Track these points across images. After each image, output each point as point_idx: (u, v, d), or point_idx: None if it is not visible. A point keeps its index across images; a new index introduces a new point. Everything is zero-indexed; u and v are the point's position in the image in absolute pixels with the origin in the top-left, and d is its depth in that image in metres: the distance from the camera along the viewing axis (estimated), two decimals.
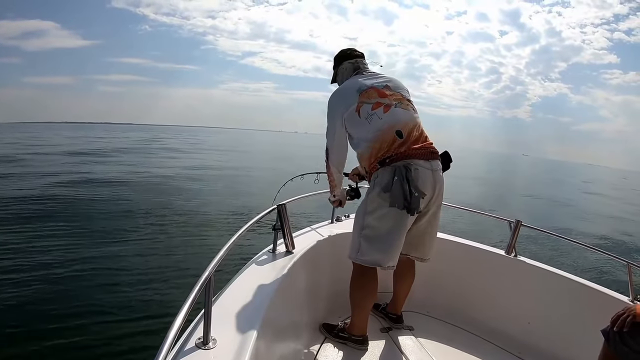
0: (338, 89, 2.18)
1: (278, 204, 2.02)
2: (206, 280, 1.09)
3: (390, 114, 1.95)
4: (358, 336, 2.13)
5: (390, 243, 1.94)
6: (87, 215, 7.91)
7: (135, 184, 12.96)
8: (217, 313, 1.28)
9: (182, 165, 20.70)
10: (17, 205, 8.36)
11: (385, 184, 1.89)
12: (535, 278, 2.51)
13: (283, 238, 2.07)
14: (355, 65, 2.22)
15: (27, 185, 10.92)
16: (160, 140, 51.95)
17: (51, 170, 14.84)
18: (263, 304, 1.45)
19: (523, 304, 2.49)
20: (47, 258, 5.32)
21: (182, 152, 30.41)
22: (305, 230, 2.57)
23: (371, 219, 1.96)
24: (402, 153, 1.90)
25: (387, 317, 2.46)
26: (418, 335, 2.36)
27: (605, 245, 10.14)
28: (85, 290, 4.33)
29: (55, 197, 9.43)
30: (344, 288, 2.16)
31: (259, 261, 1.92)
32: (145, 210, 8.80)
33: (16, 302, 3.98)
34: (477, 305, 2.62)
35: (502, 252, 2.67)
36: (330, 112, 2.11)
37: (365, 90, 2.01)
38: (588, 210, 19.27)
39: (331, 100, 2.13)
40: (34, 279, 4.55)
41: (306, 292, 2.17)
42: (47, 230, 6.66)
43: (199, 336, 1.14)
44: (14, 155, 19.61)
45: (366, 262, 1.99)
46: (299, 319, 2.06)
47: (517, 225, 2.63)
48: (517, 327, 2.44)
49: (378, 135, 1.93)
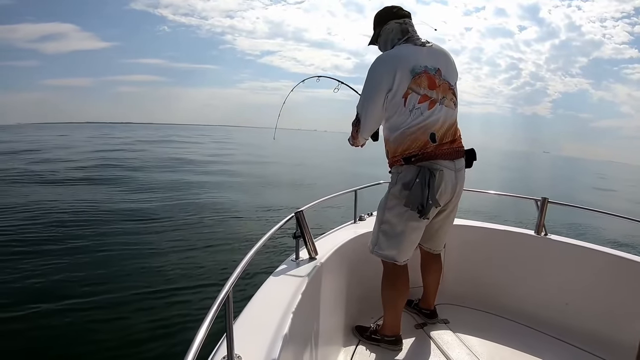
0: (387, 55, 1.90)
1: (296, 211, 1.99)
2: (224, 299, 1.07)
3: (433, 112, 1.83)
4: (391, 336, 2.10)
5: (405, 240, 1.94)
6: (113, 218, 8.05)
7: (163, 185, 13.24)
8: (241, 328, 1.27)
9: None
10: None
11: (407, 182, 1.85)
12: (569, 256, 2.41)
13: (305, 245, 2.03)
14: (404, 28, 1.95)
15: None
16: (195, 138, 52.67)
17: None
18: (288, 314, 1.42)
19: (559, 284, 2.40)
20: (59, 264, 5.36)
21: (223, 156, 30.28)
22: (328, 233, 2.54)
23: (390, 215, 1.94)
24: (429, 153, 1.84)
25: (421, 313, 2.42)
26: (454, 328, 2.31)
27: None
28: (101, 305, 4.25)
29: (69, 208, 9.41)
30: (373, 288, 2.12)
31: (282, 270, 1.89)
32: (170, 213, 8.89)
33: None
34: (511, 290, 2.55)
35: (531, 232, 2.59)
36: (372, 80, 1.88)
37: (419, 75, 1.80)
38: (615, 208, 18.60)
39: (376, 67, 1.87)
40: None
41: (334, 296, 2.14)
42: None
43: (223, 355, 1.13)
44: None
45: (383, 256, 2.00)
46: (329, 324, 2.02)
47: (544, 202, 2.54)
48: (554, 308, 2.36)
49: (413, 132, 1.83)
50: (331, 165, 25.11)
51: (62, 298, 4.30)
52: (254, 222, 8.54)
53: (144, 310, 4.19)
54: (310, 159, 31.98)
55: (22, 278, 4.75)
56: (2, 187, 10.87)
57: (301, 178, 17.60)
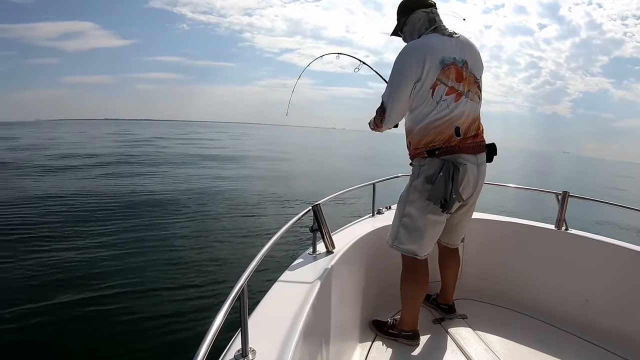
0: (416, 44, 1.83)
1: (313, 205, 1.97)
2: (239, 292, 1.06)
3: (458, 105, 1.79)
4: (408, 331, 2.08)
5: (426, 234, 1.91)
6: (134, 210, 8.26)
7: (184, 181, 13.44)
8: (257, 322, 1.26)
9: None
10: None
11: (430, 176, 1.82)
12: (590, 251, 2.35)
13: (322, 238, 2.02)
14: (431, 17, 1.89)
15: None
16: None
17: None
18: (304, 307, 1.41)
19: (579, 280, 2.34)
20: (75, 255, 5.47)
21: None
22: (345, 227, 2.51)
23: (412, 209, 1.91)
24: (453, 147, 1.80)
25: (439, 308, 2.39)
26: (472, 323, 2.28)
27: None
28: (114, 297, 4.30)
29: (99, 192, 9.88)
30: (390, 282, 2.10)
31: (298, 264, 1.88)
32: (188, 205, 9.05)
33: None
34: (530, 285, 2.51)
35: (552, 227, 2.53)
36: (401, 69, 1.81)
37: (448, 66, 1.76)
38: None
39: (405, 56, 1.81)
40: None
41: (351, 290, 2.12)
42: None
43: (238, 348, 1.12)
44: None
45: (403, 250, 1.97)
46: (346, 318, 2.01)
47: (565, 196, 2.47)
48: (574, 305, 2.30)
49: (439, 125, 1.79)
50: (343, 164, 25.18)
51: (76, 287, 4.41)
52: (271, 215, 8.63)
53: (158, 301, 4.26)
54: (323, 156, 32.01)
55: (42, 270, 4.87)
56: (21, 180, 11.21)
57: (317, 174, 17.66)
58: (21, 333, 3.55)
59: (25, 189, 10.00)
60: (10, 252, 5.43)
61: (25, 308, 3.93)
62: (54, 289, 4.37)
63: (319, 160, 26.21)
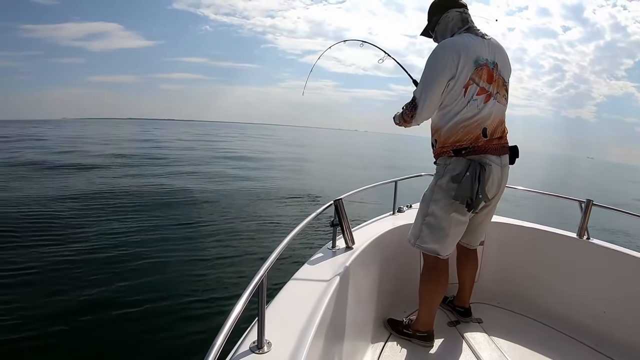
0: (452, 41, 1.83)
1: (335, 199, 1.97)
2: (258, 283, 1.06)
3: (487, 106, 1.81)
4: (423, 332, 2.06)
5: (450, 233, 1.91)
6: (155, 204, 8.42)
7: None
8: (273, 314, 1.25)
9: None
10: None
11: (456, 175, 1.81)
12: (610, 262, 2.30)
13: (342, 233, 2.02)
14: (464, 17, 1.91)
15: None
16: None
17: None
18: (322, 302, 1.40)
19: (598, 290, 2.29)
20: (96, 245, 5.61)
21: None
22: (366, 224, 2.51)
23: (436, 208, 1.90)
24: (480, 147, 1.81)
25: (455, 310, 2.37)
26: (487, 328, 2.25)
27: None
28: (133, 288, 4.35)
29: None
30: (407, 281, 2.09)
31: (317, 258, 1.88)
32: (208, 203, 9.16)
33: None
34: (548, 293, 2.46)
35: (573, 235, 2.48)
36: (435, 66, 1.81)
37: (481, 67, 1.78)
38: None
39: (441, 52, 1.81)
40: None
41: (368, 288, 2.11)
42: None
43: (254, 339, 1.12)
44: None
45: (426, 249, 1.96)
46: (361, 316, 2.01)
47: (588, 205, 2.43)
48: (592, 316, 2.25)
49: (467, 125, 1.80)
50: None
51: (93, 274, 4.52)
52: (292, 210, 8.74)
53: (178, 291, 4.32)
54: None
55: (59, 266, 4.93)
56: (46, 179, 11.42)
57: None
58: (42, 328, 3.60)
59: (50, 187, 10.20)
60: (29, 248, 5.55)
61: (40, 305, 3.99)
62: (78, 284, 4.44)
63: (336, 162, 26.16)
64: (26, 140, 28.93)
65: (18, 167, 13.06)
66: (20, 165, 13.87)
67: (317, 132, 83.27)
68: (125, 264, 5.00)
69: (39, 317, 3.71)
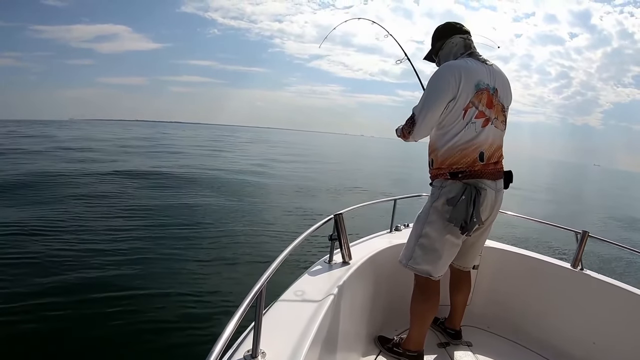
0: (455, 64, 1.86)
1: (335, 214, 2.00)
2: (257, 293, 1.07)
3: (485, 131, 1.85)
4: (413, 352, 2.07)
5: (443, 255, 1.93)
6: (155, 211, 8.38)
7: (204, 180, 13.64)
8: (268, 324, 1.26)
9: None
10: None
11: (452, 198, 1.84)
12: (602, 294, 2.32)
13: (340, 248, 2.04)
14: (467, 43, 1.97)
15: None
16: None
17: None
18: (316, 315, 1.43)
19: (589, 321, 2.31)
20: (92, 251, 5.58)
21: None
22: (362, 240, 2.54)
23: (430, 229, 1.93)
24: (476, 171, 1.85)
25: (446, 332, 2.38)
26: (476, 352, 2.27)
27: None
28: (129, 295, 4.31)
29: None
30: (400, 300, 2.10)
31: (314, 271, 1.91)
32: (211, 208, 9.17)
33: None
34: (539, 321, 2.48)
35: (567, 265, 2.50)
36: (437, 86, 1.84)
37: (481, 91, 1.82)
38: None
39: (444, 73, 1.84)
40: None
41: (362, 304, 2.14)
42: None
43: (248, 348, 1.14)
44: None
45: (418, 270, 1.97)
46: (353, 331, 2.03)
47: (584, 236, 2.45)
48: (581, 347, 2.27)
49: (465, 148, 1.84)
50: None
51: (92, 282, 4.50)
52: (292, 220, 8.70)
53: (176, 300, 4.31)
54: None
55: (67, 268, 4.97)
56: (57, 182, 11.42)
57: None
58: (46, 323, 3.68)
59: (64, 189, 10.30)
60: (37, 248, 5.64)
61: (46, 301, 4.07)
62: (78, 285, 4.49)
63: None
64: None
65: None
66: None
67: (326, 138, 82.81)
68: (119, 272, 4.99)
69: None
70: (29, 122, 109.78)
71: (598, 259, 7.86)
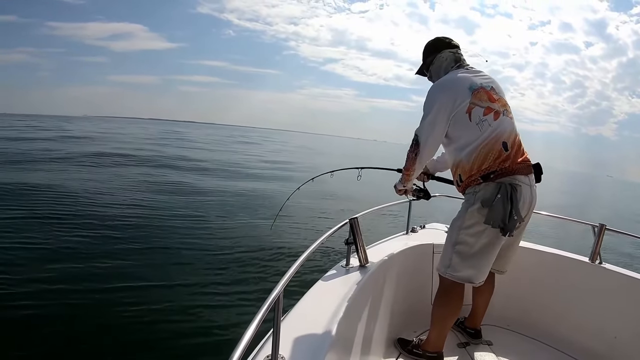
0: (444, 80, 1.95)
1: (350, 218, 1.99)
2: (275, 299, 1.07)
3: (499, 122, 1.84)
4: (433, 353, 2.06)
5: (483, 260, 1.89)
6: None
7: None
8: (287, 329, 1.26)
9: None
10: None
11: (487, 199, 1.80)
12: (622, 287, 2.30)
13: (356, 252, 2.03)
14: (457, 57, 2.03)
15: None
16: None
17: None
18: (334, 319, 1.43)
19: (609, 315, 2.29)
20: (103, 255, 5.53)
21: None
22: (379, 243, 2.53)
23: (466, 235, 1.88)
24: (507, 168, 1.81)
25: (465, 332, 2.36)
26: (497, 351, 2.25)
27: None
28: (149, 302, 4.28)
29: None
30: (418, 302, 2.09)
31: (331, 276, 1.91)
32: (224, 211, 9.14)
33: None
34: (559, 317, 2.46)
35: (585, 259, 2.49)
36: (432, 103, 1.89)
37: (477, 90, 1.85)
38: None
39: (435, 92, 1.92)
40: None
41: (380, 306, 2.13)
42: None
43: (267, 354, 1.14)
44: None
45: (458, 278, 1.92)
46: (372, 334, 2.02)
47: (601, 229, 2.44)
48: (602, 341, 2.25)
49: (486, 145, 1.82)
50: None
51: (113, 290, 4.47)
52: (308, 225, 8.65)
53: (194, 305, 4.31)
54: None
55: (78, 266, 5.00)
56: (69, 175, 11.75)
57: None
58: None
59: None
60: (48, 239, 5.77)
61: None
62: (77, 281, 4.52)
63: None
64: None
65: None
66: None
67: (339, 141, 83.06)
68: (137, 278, 4.94)
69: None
70: (47, 117, 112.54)
71: (615, 253, 7.76)
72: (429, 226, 3.01)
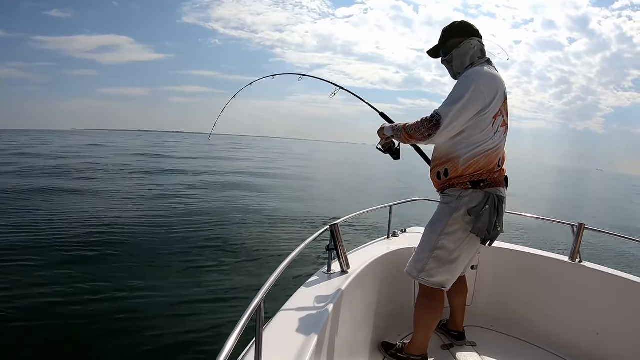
0: (488, 74, 1.79)
1: (331, 224, 2.00)
2: (255, 308, 1.07)
3: (505, 137, 1.87)
4: (417, 356, 2.07)
5: (459, 266, 1.93)
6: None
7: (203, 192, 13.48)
8: (270, 338, 1.26)
9: None
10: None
11: (474, 209, 1.80)
12: (603, 285, 2.34)
13: (337, 258, 2.05)
14: (483, 48, 1.90)
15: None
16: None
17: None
18: (317, 326, 1.43)
19: (590, 313, 2.33)
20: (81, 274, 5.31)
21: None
22: (360, 248, 2.55)
23: (447, 241, 1.88)
24: (495, 180, 1.84)
25: (449, 334, 2.38)
26: (481, 351, 2.27)
27: None
28: (127, 312, 4.18)
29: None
30: (401, 305, 2.10)
31: (313, 282, 1.91)
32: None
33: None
34: (542, 316, 2.49)
35: (565, 259, 2.53)
36: (471, 91, 1.73)
37: (505, 100, 1.83)
38: None
39: (477, 80, 1.75)
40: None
41: (363, 311, 2.14)
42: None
43: None
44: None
45: (431, 283, 1.93)
46: (356, 338, 2.03)
47: (580, 228, 2.48)
48: (585, 338, 2.29)
49: (490, 154, 1.81)
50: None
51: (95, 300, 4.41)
52: (288, 231, 8.55)
53: (174, 315, 4.23)
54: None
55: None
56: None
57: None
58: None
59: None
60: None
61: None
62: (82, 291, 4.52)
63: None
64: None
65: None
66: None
67: (328, 147, 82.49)
68: (119, 285, 4.89)
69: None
70: (35, 132, 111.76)
71: (596, 251, 7.90)
72: (410, 230, 3.03)
